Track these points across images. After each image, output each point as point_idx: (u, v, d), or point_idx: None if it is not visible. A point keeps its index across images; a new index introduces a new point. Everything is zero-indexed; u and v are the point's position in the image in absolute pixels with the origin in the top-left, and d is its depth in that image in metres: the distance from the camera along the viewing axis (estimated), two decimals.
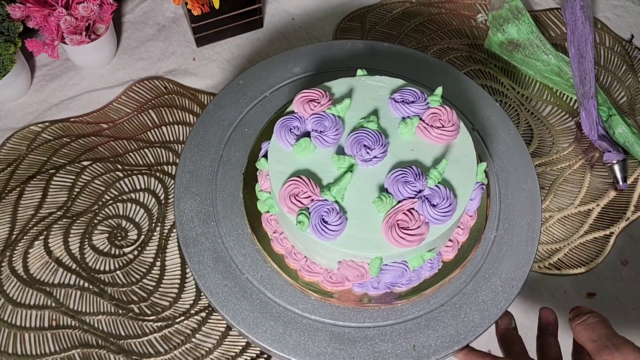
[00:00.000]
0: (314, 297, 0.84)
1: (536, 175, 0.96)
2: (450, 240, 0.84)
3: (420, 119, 0.82)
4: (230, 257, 0.88)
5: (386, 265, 0.77)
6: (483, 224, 0.89)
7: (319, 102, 0.82)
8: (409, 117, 0.82)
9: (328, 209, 0.74)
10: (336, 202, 0.75)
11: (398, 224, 0.73)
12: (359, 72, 0.89)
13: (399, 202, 0.75)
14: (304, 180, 0.76)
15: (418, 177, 0.75)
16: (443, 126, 0.80)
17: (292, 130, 0.81)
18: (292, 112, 0.84)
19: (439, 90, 0.84)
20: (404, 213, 0.73)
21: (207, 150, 0.96)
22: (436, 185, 0.75)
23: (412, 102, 0.83)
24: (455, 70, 1.05)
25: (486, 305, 0.85)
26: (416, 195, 0.75)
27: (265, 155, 0.84)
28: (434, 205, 0.74)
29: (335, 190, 0.75)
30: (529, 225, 0.91)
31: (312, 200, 0.75)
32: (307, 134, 0.81)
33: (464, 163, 0.80)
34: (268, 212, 0.86)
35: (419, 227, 0.73)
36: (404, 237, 0.72)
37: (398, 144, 0.81)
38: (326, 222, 0.74)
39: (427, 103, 0.83)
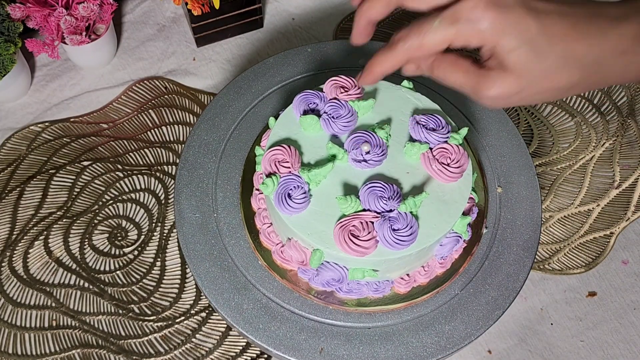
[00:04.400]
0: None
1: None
2: (408, 275, 0.83)
3: (430, 148, 0.80)
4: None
5: (327, 262, 0.78)
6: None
7: (347, 91, 0.83)
8: (420, 141, 0.81)
9: (297, 185, 0.76)
10: (308, 184, 0.77)
11: (350, 229, 0.73)
12: (405, 83, 0.88)
13: (364, 210, 0.75)
14: (290, 151, 0.78)
15: (394, 197, 0.74)
16: (448, 164, 0.78)
17: (309, 104, 0.83)
18: (321, 89, 0.85)
19: (464, 131, 0.82)
20: (361, 222, 0.74)
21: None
22: (406, 213, 0.74)
23: (433, 129, 0.81)
24: None
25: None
26: (382, 212, 0.75)
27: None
28: (393, 229, 0.73)
29: (314, 174, 0.77)
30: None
31: (290, 172, 0.77)
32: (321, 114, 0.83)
33: (448, 207, 0.78)
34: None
35: (367, 240, 0.73)
36: (348, 243, 0.73)
37: (397, 161, 0.80)
38: (289, 197, 0.76)
39: (447, 137, 0.80)
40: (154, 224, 1.11)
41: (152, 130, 1.22)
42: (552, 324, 1.04)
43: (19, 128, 1.21)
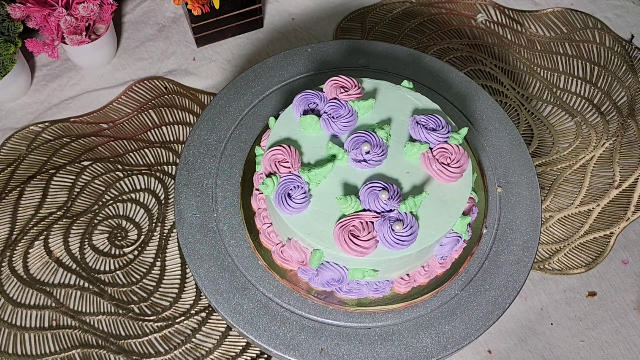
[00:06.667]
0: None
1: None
2: (408, 275, 0.83)
3: (430, 148, 0.80)
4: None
5: (327, 262, 0.78)
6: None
7: (347, 91, 0.83)
8: (420, 141, 0.81)
9: (297, 185, 0.76)
10: (308, 184, 0.77)
11: (350, 229, 0.73)
12: (405, 83, 0.88)
13: (364, 210, 0.75)
14: (290, 151, 0.78)
15: (393, 197, 0.74)
16: (448, 164, 0.78)
17: (309, 104, 0.83)
18: (321, 89, 0.85)
19: (464, 131, 0.82)
20: (361, 222, 0.73)
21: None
22: (406, 213, 0.74)
23: (433, 129, 0.81)
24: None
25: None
26: (382, 212, 0.74)
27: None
28: (393, 230, 0.73)
29: (314, 174, 0.76)
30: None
31: (290, 172, 0.77)
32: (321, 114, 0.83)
33: (448, 207, 0.77)
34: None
35: (367, 240, 0.73)
36: (348, 243, 0.73)
37: (397, 161, 0.80)
38: (289, 197, 0.75)
39: (447, 137, 0.80)
40: (154, 224, 1.11)
41: (152, 130, 1.22)
42: (552, 324, 1.04)
43: (19, 128, 1.21)
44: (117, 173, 1.16)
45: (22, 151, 1.18)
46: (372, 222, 0.74)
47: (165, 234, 1.10)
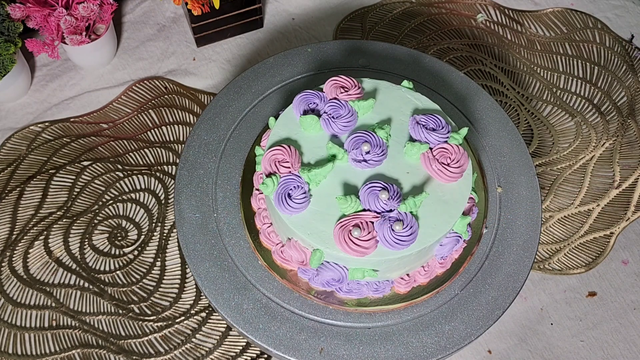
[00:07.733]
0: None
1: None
2: (407, 275, 0.83)
3: (431, 148, 0.80)
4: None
5: (327, 262, 0.78)
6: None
7: (347, 91, 0.83)
8: (420, 141, 0.81)
9: (297, 185, 0.76)
10: (308, 184, 0.77)
11: (350, 229, 0.73)
12: (405, 83, 0.88)
13: (364, 210, 0.75)
14: (290, 151, 0.78)
15: (393, 197, 0.74)
16: (448, 164, 0.78)
17: (309, 104, 0.83)
18: (321, 89, 0.85)
19: (464, 131, 0.82)
20: (361, 222, 0.73)
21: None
22: (406, 213, 0.74)
23: (433, 129, 0.81)
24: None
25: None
26: (382, 212, 0.74)
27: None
28: (393, 230, 0.73)
29: (314, 174, 0.76)
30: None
31: (290, 172, 0.77)
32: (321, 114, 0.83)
33: (448, 207, 0.77)
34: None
35: (367, 240, 0.73)
36: (348, 243, 0.73)
37: (397, 161, 0.80)
38: (289, 197, 0.75)
39: (447, 137, 0.80)
40: (154, 224, 1.12)
41: (152, 130, 1.22)
42: (552, 324, 1.04)
43: (19, 128, 1.21)
44: (117, 173, 1.16)
45: (22, 151, 1.18)
46: (372, 222, 0.74)
47: (165, 234, 1.10)
